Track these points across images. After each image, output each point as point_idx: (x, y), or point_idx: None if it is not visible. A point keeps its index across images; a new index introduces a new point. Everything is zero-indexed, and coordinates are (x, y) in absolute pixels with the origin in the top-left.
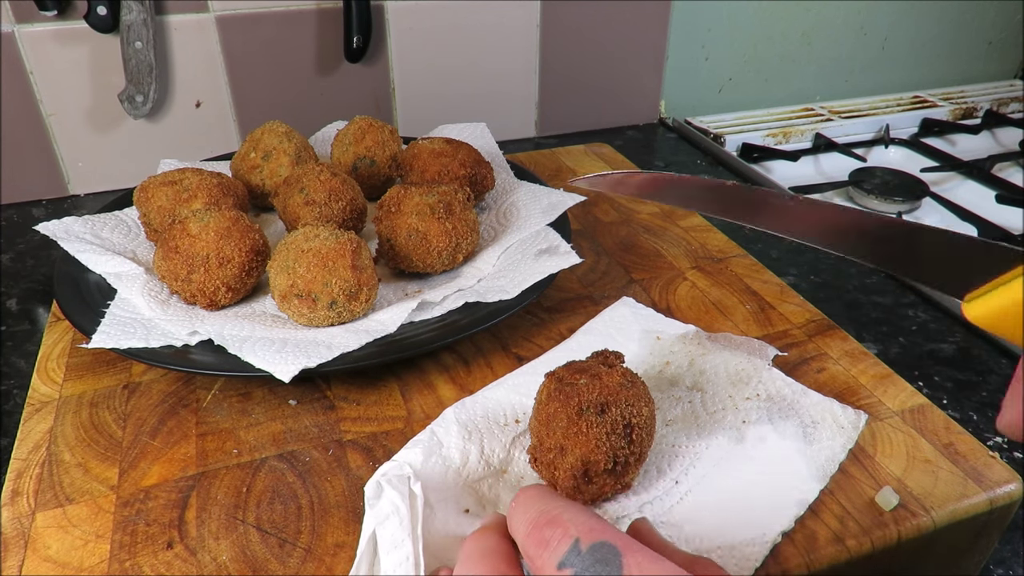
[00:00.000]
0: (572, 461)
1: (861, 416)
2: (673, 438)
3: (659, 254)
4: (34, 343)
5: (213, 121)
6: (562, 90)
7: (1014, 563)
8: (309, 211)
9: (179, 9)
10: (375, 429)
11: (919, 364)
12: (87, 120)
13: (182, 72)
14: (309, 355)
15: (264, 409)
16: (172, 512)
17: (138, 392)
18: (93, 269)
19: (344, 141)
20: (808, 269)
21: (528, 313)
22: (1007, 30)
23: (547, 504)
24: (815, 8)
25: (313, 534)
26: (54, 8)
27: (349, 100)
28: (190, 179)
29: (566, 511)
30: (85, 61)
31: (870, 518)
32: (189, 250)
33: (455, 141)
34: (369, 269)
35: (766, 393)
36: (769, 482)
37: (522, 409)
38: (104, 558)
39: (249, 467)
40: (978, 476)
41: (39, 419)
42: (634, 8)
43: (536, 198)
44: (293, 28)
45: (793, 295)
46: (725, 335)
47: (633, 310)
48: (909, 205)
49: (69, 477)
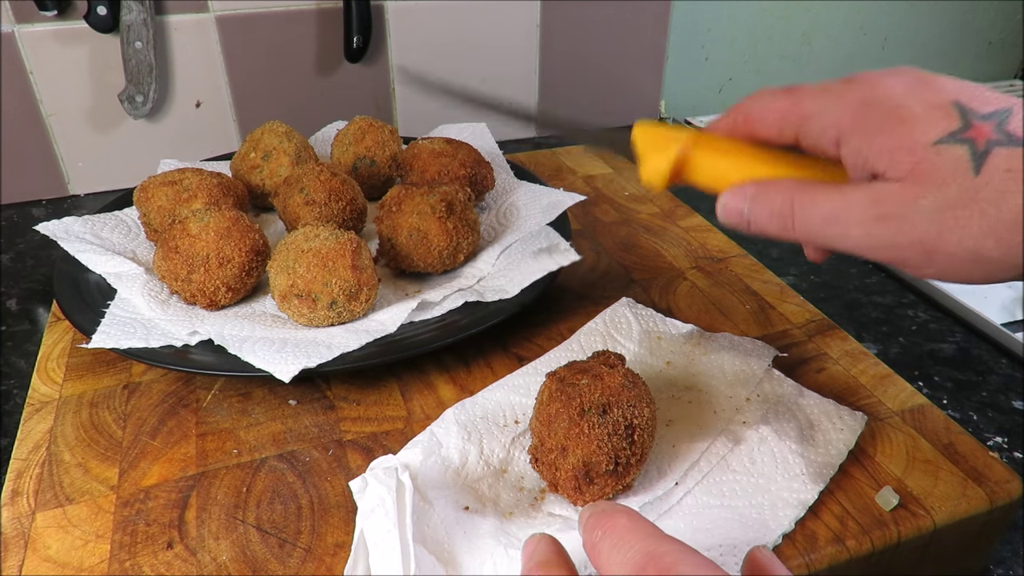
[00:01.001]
0: (573, 461)
1: (861, 417)
2: (673, 439)
3: (659, 254)
4: (34, 343)
5: (213, 121)
6: (562, 90)
7: (1014, 563)
8: (309, 211)
9: (179, 9)
10: (375, 429)
11: (919, 364)
12: (87, 120)
13: (182, 72)
14: (309, 355)
15: (264, 409)
16: (172, 512)
17: (138, 392)
18: (93, 269)
19: (344, 141)
20: (808, 269)
21: (528, 313)
22: (1007, 30)
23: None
24: (815, 8)
25: (313, 534)
26: (54, 8)
27: (349, 100)
28: (190, 179)
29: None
30: (85, 61)
31: (870, 518)
32: (189, 250)
33: (455, 141)
34: (369, 269)
35: (766, 394)
36: (769, 483)
37: (522, 409)
38: (104, 558)
39: (249, 467)
40: (978, 476)
41: (39, 419)
42: (634, 8)
43: (536, 198)
44: (293, 28)
45: (793, 295)
46: (725, 335)
47: (633, 310)
48: None
49: (69, 477)
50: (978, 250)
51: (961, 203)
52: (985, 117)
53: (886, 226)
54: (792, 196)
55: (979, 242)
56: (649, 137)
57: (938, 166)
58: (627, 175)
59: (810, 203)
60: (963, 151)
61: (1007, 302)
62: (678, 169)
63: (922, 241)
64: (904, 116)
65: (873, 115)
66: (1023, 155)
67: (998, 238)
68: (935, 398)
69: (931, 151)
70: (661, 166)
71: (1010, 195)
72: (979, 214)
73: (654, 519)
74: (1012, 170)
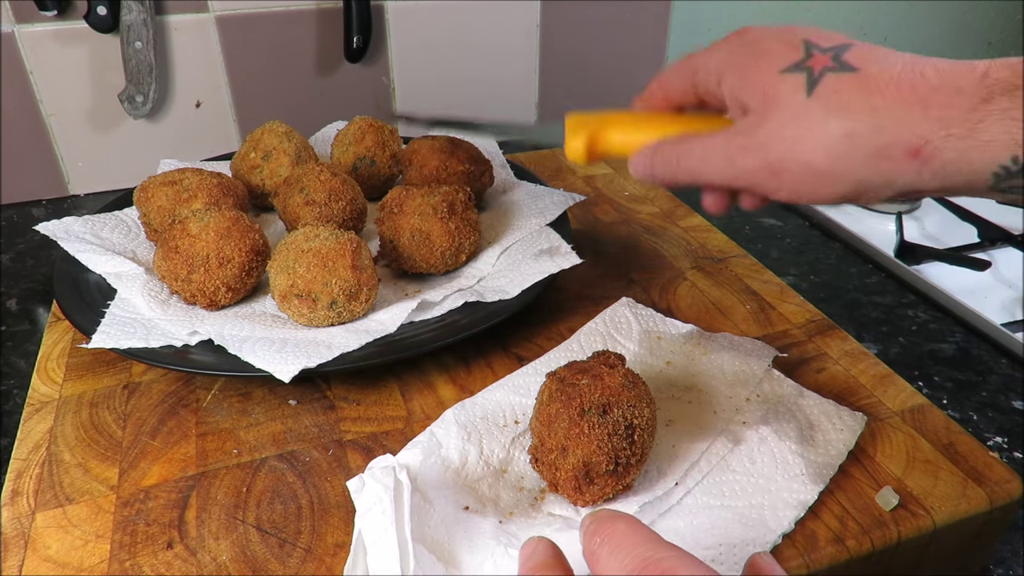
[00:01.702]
0: (574, 462)
1: (860, 418)
2: (673, 439)
3: (659, 254)
4: (34, 343)
5: (213, 121)
6: (562, 90)
7: (1014, 563)
8: (309, 211)
9: (179, 9)
10: (375, 429)
11: (919, 364)
12: (87, 120)
13: (182, 72)
14: (309, 355)
15: (264, 409)
16: (172, 512)
17: (138, 392)
18: (93, 269)
19: (344, 141)
20: (808, 269)
21: (528, 313)
22: (1007, 30)
23: (651, 551)
24: (815, 8)
25: (313, 534)
26: (54, 8)
27: (349, 100)
28: (190, 179)
29: (680, 564)
30: (85, 61)
31: (870, 518)
32: (189, 250)
33: (455, 139)
34: (369, 269)
35: (766, 394)
36: (769, 483)
37: (522, 410)
38: (104, 558)
39: (249, 467)
40: (978, 476)
41: (39, 419)
42: (634, 8)
43: (536, 198)
44: (293, 28)
45: (793, 295)
46: (725, 335)
47: (633, 310)
48: (909, 205)
49: (69, 477)
50: (811, 164)
51: (795, 122)
52: (825, 50)
53: (742, 155)
54: (677, 148)
55: (811, 156)
56: (571, 123)
57: (781, 92)
58: (627, 175)
59: (688, 151)
60: (801, 77)
61: (1007, 302)
62: (592, 147)
63: (769, 163)
64: (762, 52)
65: (740, 55)
66: (851, 79)
67: (826, 151)
68: (935, 398)
69: (777, 79)
70: (577, 146)
71: (835, 112)
72: (807, 131)
73: (654, 519)
74: (840, 91)
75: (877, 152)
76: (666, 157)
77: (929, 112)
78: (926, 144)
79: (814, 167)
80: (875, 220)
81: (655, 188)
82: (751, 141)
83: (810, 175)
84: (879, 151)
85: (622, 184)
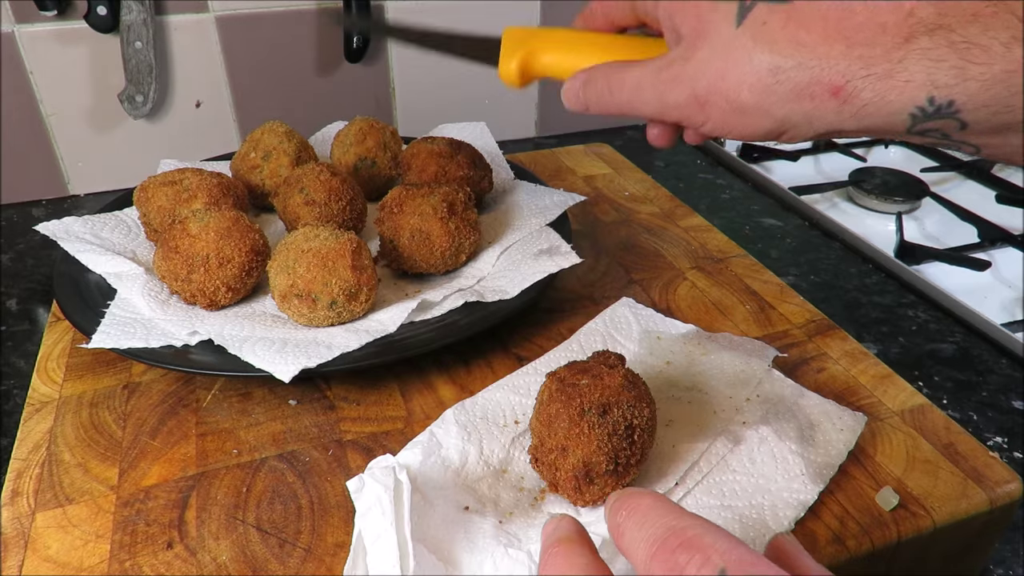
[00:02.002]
0: (574, 462)
1: (861, 418)
2: (673, 439)
3: (659, 254)
4: (34, 343)
5: (213, 121)
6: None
7: (1014, 563)
8: (309, 211)
9: (179, 9)
10: (375, 429)
11: (919, 364)
12: (87, 120)
13: (182, 72)
14: (309, 355)
15: (264, 409)
16: (172, 512)
17: (138, 392)
18: (93, 269)
19: (345, 142)
20: (808, 269)
21: (528, 313)
22: None
23: (675, 520)
24: None
25: (313, 534)
26: (54, 8)
27: (349, 100)
28: (190, 179)
29: (706, 533)
30: (85, 61)
31: (870, 518)
32: (189, 250)
33: (455, 141)
34: (369, 269)
35: (766, 394)
36: (769, 483)
37: (522, 410)
38: (104, 558)
39: (249, 467)
40: (978, 476)
41: (39, 419)
42: None
43: (536, 198)
44: (293, 28)
45: (793, 295)
46: (725, 335)
47: (633, 310)
48: (909, 205)
49: (69, 477)
50: (737, 99)
51: (722, 54)
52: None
53: (671, 86)
54: (609, 78)
55: (736, 90)
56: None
57: (712, 22)
58: (627, 175)
59: (620, 81)
60: (732, 6)
61: (1007, 302)
62: (526, 69)
63: (696, 95)
64: None
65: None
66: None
67: (751, 86)
68: (935, 398)
69: (709, 8)
70: (511, 68)
71: (761, 46)
72: (734, 63)
73: None
74: (768, 23)
75: (800, 90)
76: (598, 87)
77: (852, 50)
78: (847, 83)
79: (740, 102)
80: (875, 220)
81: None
82: (679, 74)
83: (735, 110)
84: (802, 89)
85: (622, 184)
